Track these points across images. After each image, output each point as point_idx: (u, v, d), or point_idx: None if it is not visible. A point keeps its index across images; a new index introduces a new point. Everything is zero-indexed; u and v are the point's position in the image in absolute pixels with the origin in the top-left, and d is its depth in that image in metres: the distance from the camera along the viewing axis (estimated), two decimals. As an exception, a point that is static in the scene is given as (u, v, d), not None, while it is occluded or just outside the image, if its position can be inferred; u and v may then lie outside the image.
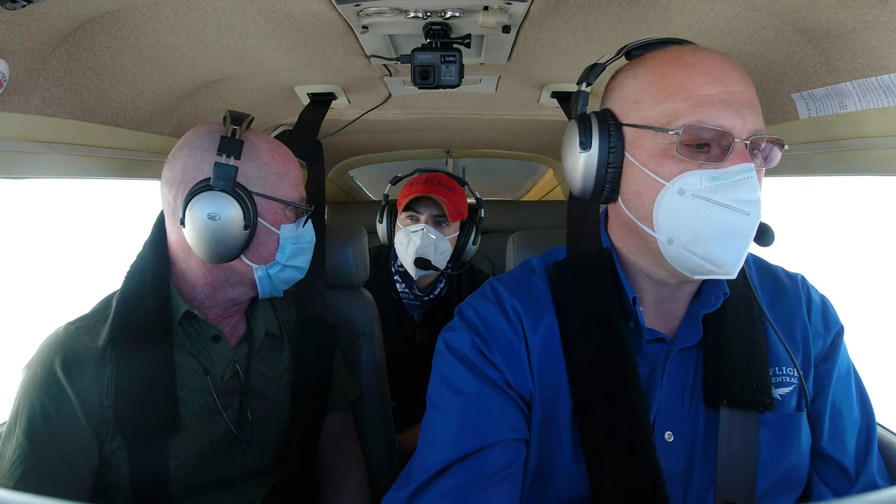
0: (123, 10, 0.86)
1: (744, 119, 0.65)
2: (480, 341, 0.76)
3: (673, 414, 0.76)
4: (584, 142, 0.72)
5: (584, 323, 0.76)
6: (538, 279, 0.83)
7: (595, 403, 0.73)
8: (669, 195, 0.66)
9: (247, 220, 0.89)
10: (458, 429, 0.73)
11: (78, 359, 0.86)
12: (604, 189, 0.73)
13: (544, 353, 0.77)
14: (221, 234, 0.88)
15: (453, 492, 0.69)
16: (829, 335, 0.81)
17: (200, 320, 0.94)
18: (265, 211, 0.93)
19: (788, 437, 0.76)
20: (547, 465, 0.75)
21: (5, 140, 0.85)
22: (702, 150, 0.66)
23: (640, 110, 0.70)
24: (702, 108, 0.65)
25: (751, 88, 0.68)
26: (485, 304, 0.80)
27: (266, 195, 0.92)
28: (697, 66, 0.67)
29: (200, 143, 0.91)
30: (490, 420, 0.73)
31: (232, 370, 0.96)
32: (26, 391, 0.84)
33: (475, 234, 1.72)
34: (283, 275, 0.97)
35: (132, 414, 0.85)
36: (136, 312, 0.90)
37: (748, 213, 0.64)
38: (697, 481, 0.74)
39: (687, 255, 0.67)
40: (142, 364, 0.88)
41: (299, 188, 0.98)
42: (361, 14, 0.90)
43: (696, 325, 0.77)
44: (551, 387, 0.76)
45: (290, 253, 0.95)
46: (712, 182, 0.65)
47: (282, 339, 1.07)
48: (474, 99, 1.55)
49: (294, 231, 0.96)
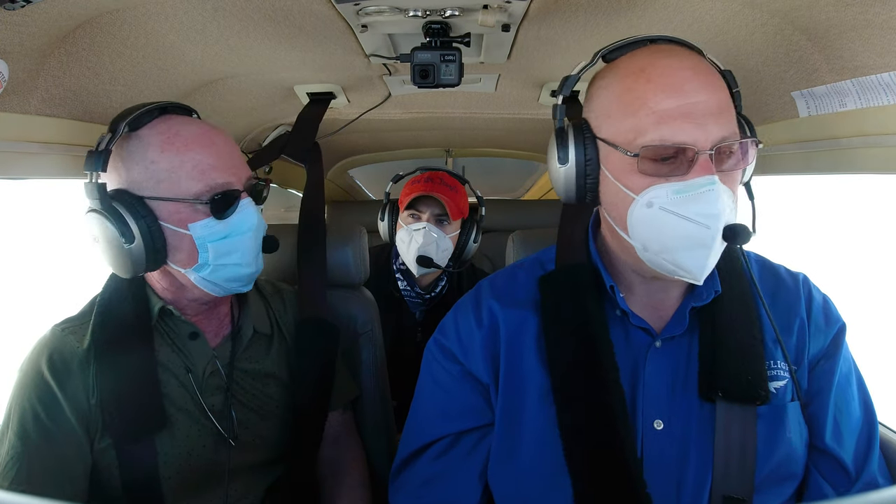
0: (123, 10, 0.86)
1: (706, 130, 0.66)
2: (444, 338, 0.87)
3: (659, 402, 0.78)
4: (562, 156, 0.75)
5: (564, 312, 0.81)
6: (524, 272, 0.90)
7: (571, 382, 0.77)
8: (639, 208, 0.69)
9: (125, 234, 0.81)
10: (429, 416, 0.88)
11: (64, 359, 0.86)
12: (586, 196, 0.77)
13: (516, 343, 0.83)
14: (110, 254, 0.83)
15: (423, 475, 0.86)
16: (831, 332, 0.81)
17: (177, 318, 0.94)
18: (165, 213, 0.84)
19: (781, 428, 0.77)
20: (516, 444, 0.81)
21: (5, 140, 0.85)
22: (666, 164, 0.68)
23: (610, 125, 0.72)
24: (664, 125, 0.66)
25: (717, 93, 0.68)
26: (464, 302, 0.91)
27: (158, 197, 0.84)
28: (659, 79, 0.68)
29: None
30: (454, 408, 0.85)
31: (213, 367, 0.96)
32: (18, 394, 0.85)
33: (476, 232, 1.73)
34: (223, 274, 0.88)
35: (118, 412, 0.86)
36: (115, 312, 0.91)
37: (708, 226, 0.67)
38: (693, 473, 0.76)
39: (661, 261, 0.71)
40: (124, 362, 0.88)
41: (206, 175, 0.85)
42: (361, 13, 0.90)
43: (683, 317, 0.79)
44: (520, 370, 0.82)
45: (215, 251, 0.86)
46: (676, 195, 0.67)
47: (272, 338, 1.06)
48: (474, 98, 1.55)
49: (210, 227, 0.86)
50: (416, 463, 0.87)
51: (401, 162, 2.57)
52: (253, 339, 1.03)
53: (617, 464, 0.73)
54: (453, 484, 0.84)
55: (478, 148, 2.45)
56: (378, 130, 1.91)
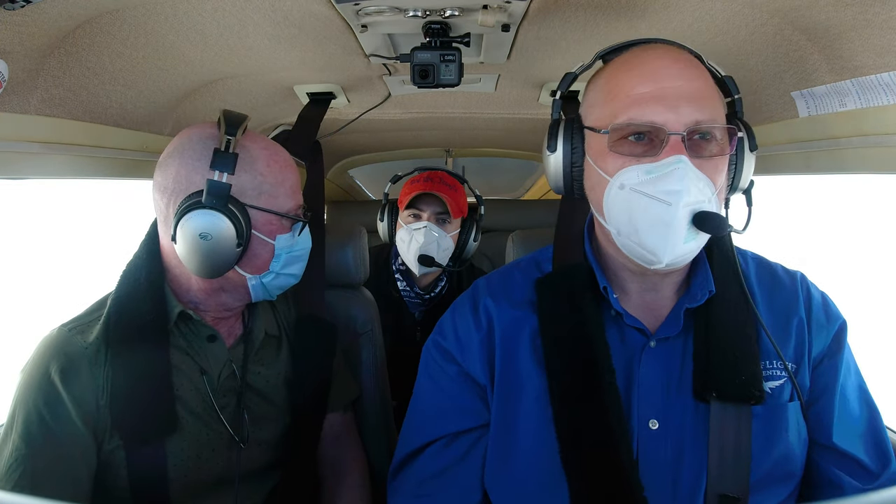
0: (123, 10, 0.86)
1: (678, 113, 0.68)
2: (442, 339, 0.88)
3: (654, 403, 0.78)
4: (551, 145, 0.79)
5: (561, 314, 0.82)
6: (520, 272, 0.91)
7: (568, 385, 0.77)
8: (613, 190, 0.72)
9: (240, 237, 0.86)
10: (427, 416, 0.88)
11: (72, 361, 0.85)
12: (573, 186, 0.79)
13: (512, 343, 0.83)
14: (213, 253, 0.86)
15: (421, 474, 0.86)
16: (833, 329, 0.81)
17: (195, 321, 0.94)
18: (260, 223, 0.90)
19: (777, 427, 0.77)
20: (512, 446, 0.81)
21: (5, 140, 0.85)
22: (639, 144, 0.70)
23: (592, 113, 0.77)
24: (635, 106, 0.69)
25: (696, 81, 0.71)
26: (462, 301, 0.91)
27: (261, 208, 0.90)
28: (638, 67, 0.72)
29: (193, 152, 0.88)
30: (452, 409, 0.85)
31: (228, 370, 0.96)
32: (22, 395, 0.84)
33: (476, 231, 1.73)
34: (277, 282, 0.96)
35: (128, 414, 0.85)
36: (131, 313, 0.90)
37: (669, 202, 0.67)
38: (688, 473, 0.76)
39: (631, 244, 0.72)
40: (137, 364, 0.87)
41: (296, 195, 0.96)
42: (360, 13, 0.90)
43: (678, 318, 0.79)
44: (516, 371, 0.82)
45: (284, 262, 0.94)
46: (647, 175, 0.69)
47: (280, 339, 1.07)
48: (474, 98, 1.55)
49: (290, 240, 0.94)
50: (415, 463, 0.87)
51: (401, 162, 2.57)
52: (264, 341, 1.03)
53: (613, 466, 0.73)
54: (452, 483, 0.85)
55: (478, 148, 2.45)
56: (378, 130, 1.91)
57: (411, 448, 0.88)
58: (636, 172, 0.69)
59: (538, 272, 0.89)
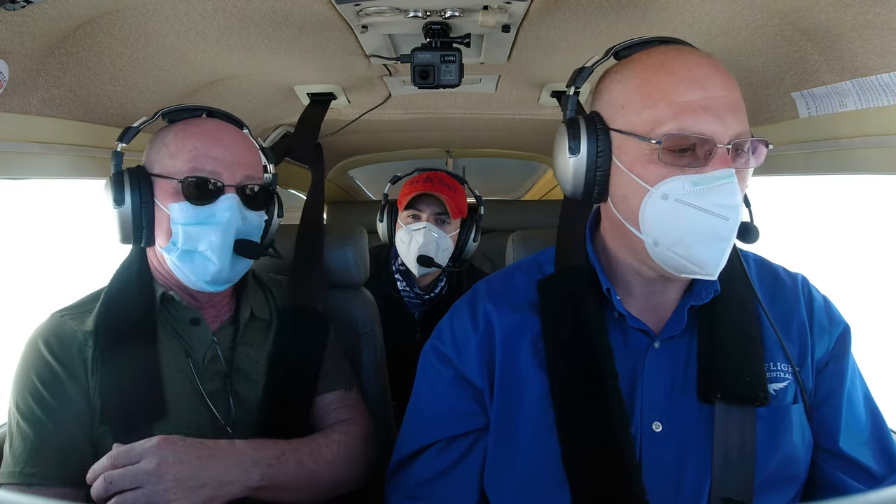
0: (123, 10, 0.86)
1: (725, 124, 0.67)
2: (439, 342, 0.87)
3: (658, 404, 0.77)
4: (574, 146, 0.74)
5: (563, 316, 0.81)
6: (521, 274, 0.90)
7: (571, 388, 0.77)
8: (654, 199, 0.69)
9: (117, 198, 0.88)
10: (424, 419, 0.88)
11: (62, 342, 0.88)
12: (594, 191, 0.76)
13: (512, 346, 0.83)
14: (110, 216, 0.90)
15: (419, 477, 0.86)
16: (835, 333, 0.81)
17: (177, 303, 0.95)
18: (159, 191, 0.91)
19: (781, 430, 0.76)
20: (513, 449, 0.80)
21: (5, 140, 0.86)
22: (685, 155, 0.68)
23: (625, 115, 0.72)
24: (684, 115, 0.67)
25: (735, 91, 0.69)
26: (460, 305, 0.90)
27: (156, 174, 0.91)
28: (680, 72, 0.68)
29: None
30: (449, 412, 0.85)
31: (213, 353, 0.96)
32: (19, 375, 0.87)
33: (475, 231, 1.73)
34: (190, 263, 0.90)
35: (117, 402, 0.87)
36: (121, 301, 0.92)
37: (727, 217, 0.67)
38: (692, 475, 0.75)
39: (671, 255, 0.70)
40: (125, 353, 0.88)
41: (196, 161, 0.89)
42: (361, 14, 0.90)
43: (682, 316, 0.79)
44: (517, 374, 0.82)
45: (184, 235, 0.89)
46: (694, 187, 0.67)
47: (270, 324, 1.06)
48: (474, 98, 1.55)
49: (185, 211, 0.89)
50: (412, 466, 0.87)
51: (401, 162, 2.57)
52: (252, 324, 1.02)
53: (616, 469, 0.73)
54: (449, 486, 0.84)
55: (478, 148, 2.45)
56: (378, 131, 1.91)
57: (408, 451, 0.87)
58: (681, 183, 0.67)
59: (540, 274, 0.88)
